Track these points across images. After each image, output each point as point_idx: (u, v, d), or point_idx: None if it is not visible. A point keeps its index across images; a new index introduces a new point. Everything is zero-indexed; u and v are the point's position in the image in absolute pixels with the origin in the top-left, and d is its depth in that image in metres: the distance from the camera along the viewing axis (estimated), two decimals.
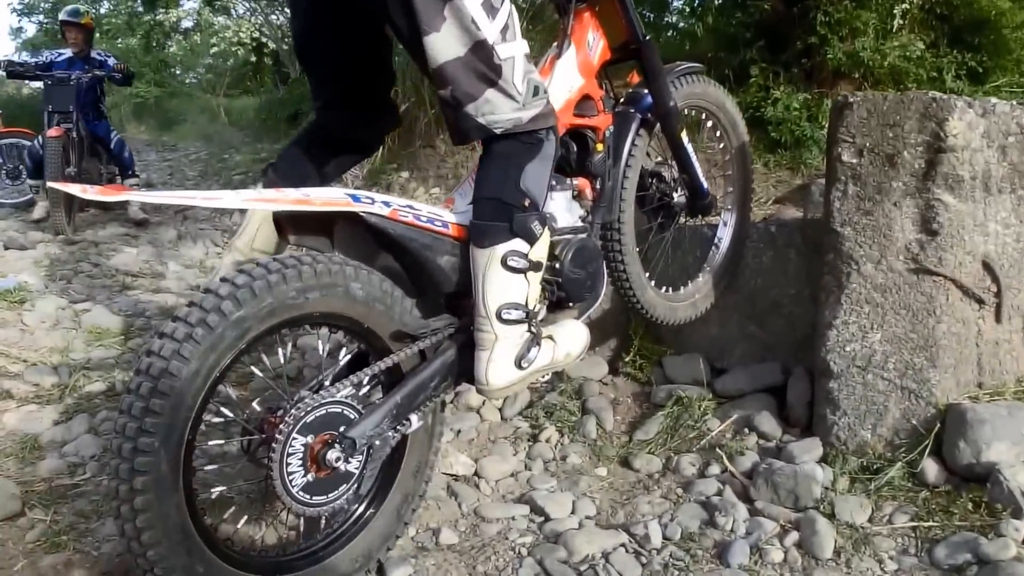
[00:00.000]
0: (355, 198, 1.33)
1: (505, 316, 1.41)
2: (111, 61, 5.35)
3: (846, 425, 1.85)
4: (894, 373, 1.82)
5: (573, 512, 1.74)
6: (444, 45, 1.31)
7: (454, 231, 1.46)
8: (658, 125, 1.85)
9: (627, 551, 1.59)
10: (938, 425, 1.76)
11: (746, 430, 2.02)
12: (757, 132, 3.47)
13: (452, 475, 1.90)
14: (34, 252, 4.04)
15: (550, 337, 1.55)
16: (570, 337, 1.60)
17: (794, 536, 1.59)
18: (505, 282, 1.40)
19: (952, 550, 1.50)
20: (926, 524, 1.60)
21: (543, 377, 1.60)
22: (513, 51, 1.37)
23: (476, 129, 1.39)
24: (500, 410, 2.23)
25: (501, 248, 1.39)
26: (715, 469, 1.88)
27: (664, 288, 2.02)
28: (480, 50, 1.33)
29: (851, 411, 1.85)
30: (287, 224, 1.36)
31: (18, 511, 1.62)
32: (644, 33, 1.77)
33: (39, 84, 5.38)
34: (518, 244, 1.40)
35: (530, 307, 1.45)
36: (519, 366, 1.45)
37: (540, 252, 1.45)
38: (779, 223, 2.33)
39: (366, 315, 1.34)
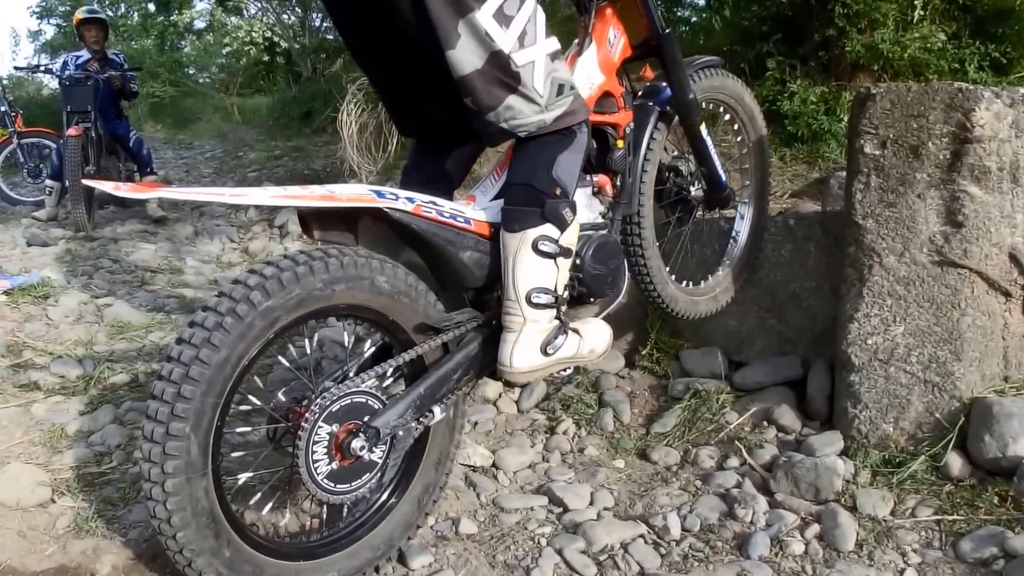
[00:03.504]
0: (379, 194, 1.35)
1: (535, 300, 1.43)
2: (127, 65, 5.43)
3: (868, 418, 1.84)
4: (917, 366, 1.81)
5: (591, 503, 1.74)
6: (463, 58, 1.34)
7: (476, 227, 1.47)
8: (676, 118, 1.85)
9: (646, 542, 1.59)
10: (962, 419, 1.74)
11: (765, 423, 2.01)
12: (774, 126, 3.43)
13: (470, 466, 1.91)
14: (56, 248, 4.10)
15: (576, 330, 1.56)
16: (595, 334, 1.61)
17: (815, 528, 1.58)
18: (535, 266, 1.42)
19: (978, 544, 1.48)
20: (950, 518, 1.58)
21: (564, 371, 1.60)
22: (533, 55, 1.39)
23: (500, 133, 1.43)
24: (517, 402, 2.24)
25: (532, 232, 1.41)
26: (734, 462, 1.88)
27: (684, 283, 2.02)
28: (496, 60, 1.35)
29: (873, 404, 1.84)
30: (312, 220, 1.38)
31: (48, 498, 1.65)
32: (664, 26, 1.76)
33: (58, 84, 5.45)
34: (549, 229, 1.42)
35: (559, 292, 1.47)
36: (544, 352, 1.47)
37: (570, 238, 1.47)
38: (797, 216, 2.32)
39: (390, 307, 1.36)
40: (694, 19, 4.78)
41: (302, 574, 1.34)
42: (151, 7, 14.61)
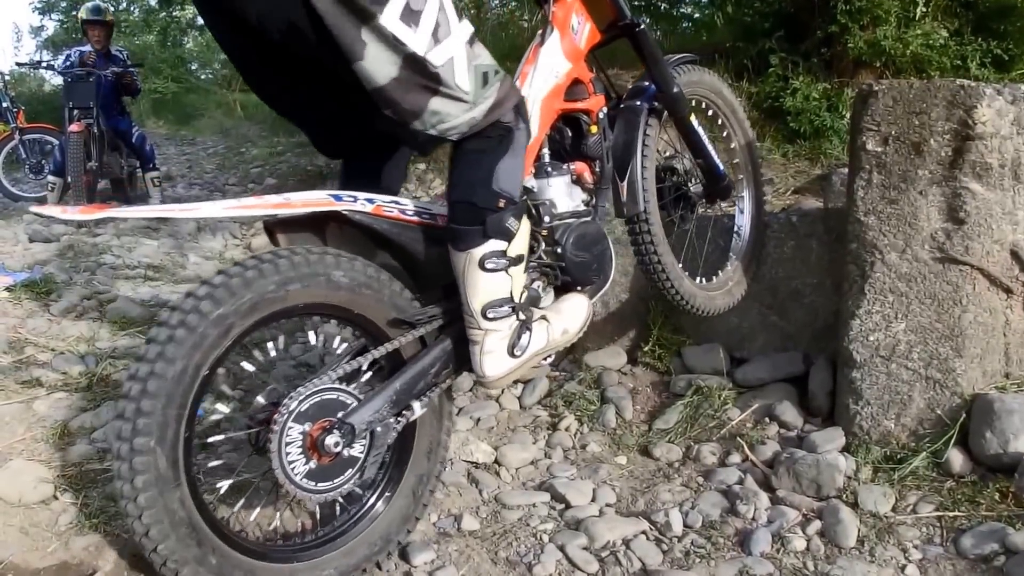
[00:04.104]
0: (337, 197, 1.33)
1: (491, 314, 1.40)
2: (129, 62, 5.43)
3: (869, 415, 1.84)
4: (919, 363, 1.81)
5: (593, 499, 1.75)
6: (374, 70, 1.23)
7: (442, 222, 1.44)
8: (665, 113, 1.85)
9: (648, 538, 1.59)
10: (963, 415, 1.74)
11: (767, 419, 2.01)
12: (776, 122, 3.44)
13: (472, 462, 1.91)
14: (57, 244, 4.10)
15: (543, 318, 1.52)
16: (566, 314, 1.57)
17: (817, 525, 1.59)
18: (486, 283, 1.38)
19: (979, 540, 1.49)
20: (951, 514, 1.59)
21: (546, 359, 1.59)
22: (450, 50, 1.28)
23: (430, 141, 1.35)
24: (519, 399, 2.24)
25: (478, 252, 1.37)
26: (736, 458, 1.88)
27: (697, 279, 2.01)
28: (412, 64, 1.25)
29: (874, 401, 1.84)
30: (277, 229, 1.36)
31: (50, 495, 1.65)
32: (633, 16, 1.73)
33: (61, 80, 5.47)
34: (494, 244, 1.37)
35: (516, 299, 1.43)
36: (512, 354, 1.44)
37: (519, 246, 1.43)
38: (800, 213, 2.32)
39: (353, 301, 1.34)
40: (696, 15, 4.78)
41: (297, 574, 1.34)
42: (153, 2, 14.60)
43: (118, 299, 3.03)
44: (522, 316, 1.46)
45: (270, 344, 1.45)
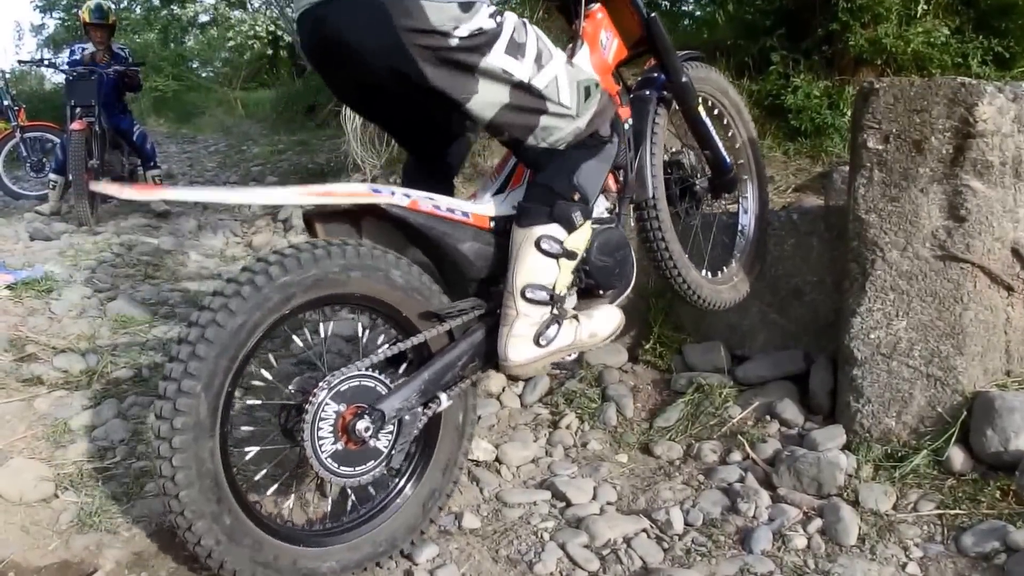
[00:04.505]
0: (376, 191, 1.39)
1: (529, 296, 1.45)
2: (131, 60, 5.43)
3: (870, 413, 1.84)
4: (919, 361, 1.81)
5: (594, 498, 1.75)
6: (486, 102, 1.38)
7: (474, 219, 1.50)
8: (674, 103, 1.86)
9: (649, 536, 1.59)
10: (964, 413, 1.74)
11: (768, 417, 2.01)
12: (777, 120, 3.43)
13: (473, 460, 1.91)
14: (59, 243, 4.10)
15: (575, 318, 1.57)
16: (599, 318, 1.61)
17: (817, 523, 1.59)
18: (535, 263, 1.45)
19: (980, 538, 1.49)
20: (952, 512, 1.59)
21: (569, 356, 1.62)
22: (553, 71, 1.42)
23: (544, 153, 1.47)
24: (520, 397, 2.24)
25: (538, 229, 1.44)
26: (736, 456, 1.88)
27: (704, 272, 2.01)
28: (520, 90, 1.39)
29: (875, 399, 1.84)
30: (317, 221, 1.42)
31: (51, 493, 1.65)
32: (649, 12, 1.79)
33: (62, 78, 5.47)
34: (555, 229, 1.45)
35: (556, 291, 1.49)
36: (538, 343, 1.49)
37: (577, 242, 1.49)
38: (800, 211, 2.31)
39: (401, 300, 1.41)
40: (698, 13, 4.77)
41: (301, 559, 1.35)
42: (155, 1, 14.57)
43: (119, 297, 3.03)
44: (556, 310, 1.51)
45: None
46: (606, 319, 1.63)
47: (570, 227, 1.45)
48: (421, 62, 1.31)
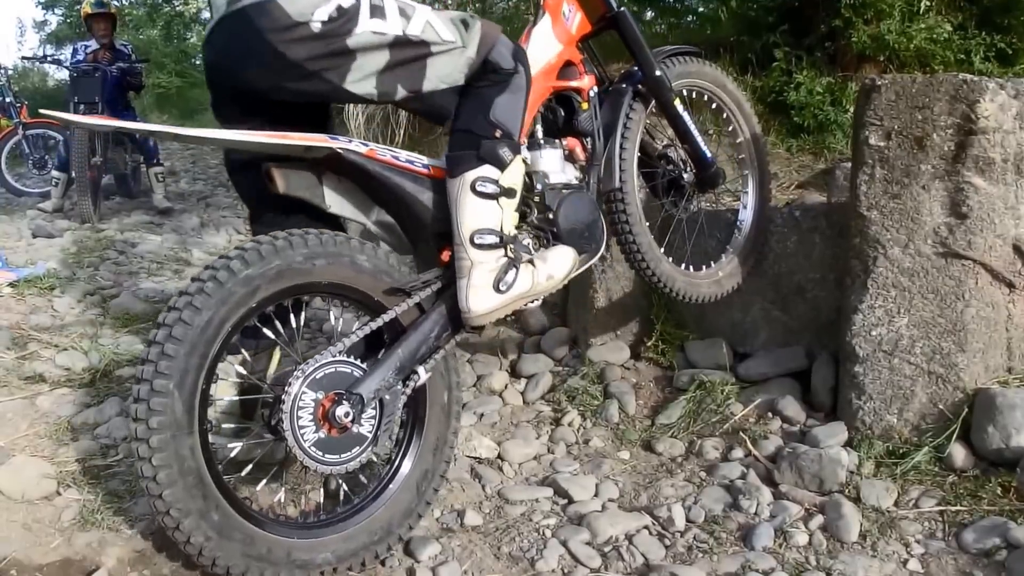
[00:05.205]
0: (333, 137, 1.41)
1: (478, 241, 1.45)
2: (134, 56, 5.44)
3: (872, 409, 1.84)
4: (921, 357, 1.81)
5: (596, 495, 1.75)
6: (367, 71, 1.38)
7: (434, 171, 1.52)
8: (653, 99, 1.88)
9: (651, 533, 1.60)
10: (966, 410, 1.74)
11: (770, 414, 2.02)
12: (780, 116, 3.42)
13: (475, 458, 1.91)
14: (61, 240, 4.11)
15: (530, 262, 1.55)
16: (552, 261, 1.59)
17: (819, 519, 1.59)
18: (476, 207, 1.44)
19: (980, 534, 1.49)
20: (953, 508, 1.59)
21: (530, 303, 1.61)
22: (423, 17, 1.42)
23: (441, 95, 1.46)
24: (522, 394, 2.25)
25: (471, 175, 1.44)
26: (738, 453, 1.88)
27: (685, 266, 2.01)
28: (397, 45, 1.39)
29: (877, 395, 1.84)
30: (277, 174, 1.42)
31: (53, 491, 1.65)
32: (619, 4, 1.81)
33: (65, 75, 5.47)
34: (487, 170, 1.45)
35: (505, 232, 1.48)
36: (497, 289, 1.48)
37: (512, 178, 1.49)
38: (803, 207, 2.31)
39: (371, 285, 1.42)
40: (701, 10, 4.75)
41: (296, 551, 1.35)
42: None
43: (121, 295, 3.04)
44: (510, 253, 1.50)
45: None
46: (560, 260, 1.60)
47: (500, 164, 1.45)
48: (296, 59, 1.32)
